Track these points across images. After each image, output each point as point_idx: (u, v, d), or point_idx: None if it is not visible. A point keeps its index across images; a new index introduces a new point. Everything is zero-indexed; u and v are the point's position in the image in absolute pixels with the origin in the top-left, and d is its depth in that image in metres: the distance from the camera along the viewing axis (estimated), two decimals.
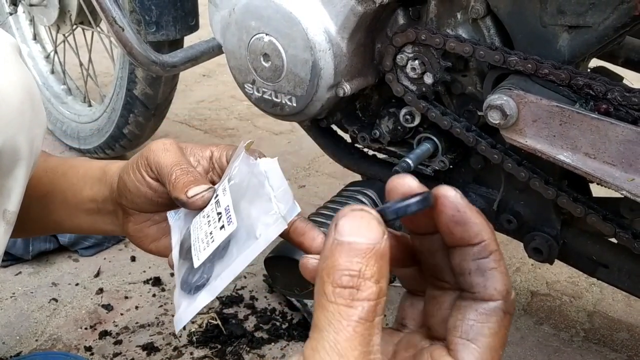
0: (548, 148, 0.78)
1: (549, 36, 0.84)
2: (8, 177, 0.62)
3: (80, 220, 0.71)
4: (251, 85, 0.98)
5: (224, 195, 0.52)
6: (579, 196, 0.86)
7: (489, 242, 0.35)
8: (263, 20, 0.91)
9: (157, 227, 0.64)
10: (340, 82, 0.92)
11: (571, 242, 0.95)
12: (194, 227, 0.54)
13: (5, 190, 0.62)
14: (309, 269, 0.39)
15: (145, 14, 1.26)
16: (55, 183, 0.72)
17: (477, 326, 0.35)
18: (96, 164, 0.72)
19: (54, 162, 0.74)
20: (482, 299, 0.35)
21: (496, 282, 0.35)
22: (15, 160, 0.62)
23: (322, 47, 0.88)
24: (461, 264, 0.36)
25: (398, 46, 0.90)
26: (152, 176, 0.60)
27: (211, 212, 0.52)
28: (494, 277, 0.35)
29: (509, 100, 0.78)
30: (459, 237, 0.35)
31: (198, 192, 0.55)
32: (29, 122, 0.62)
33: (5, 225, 0.64)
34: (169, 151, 0.59)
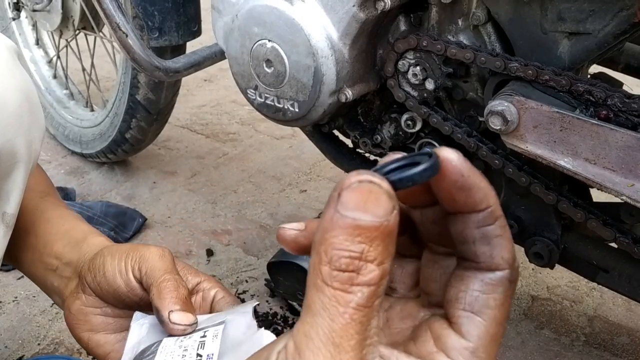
0: (549, 154, 0.78)
1: (550, 43, 0.85)
2: (6, 179, 0.63)
3: (35, 270, 0.70)
4: (254, 91, 0.99)
5: (212, 341, 0.49)
6: (579, 201, 0.87)
7: (494, 208, 0.32)
8: (266, 26, 0.91)
9: (104, 320, 0.62)
10: (342, 87, 0.92)
11: (572, 246, 0.95)
12: (163, 349, 0.50)
13: (4, 193, 0.63)
14: (288, 240, 0.33)
15: (148, 19, 1.27)
16: (36, 225, 0.70)
17: (482, 297, 0.32)
18: (83, 227, 0.70)
19: (47, 205, 0.73)
20: (487, 268, 0.32)
21: (503, 250, 0.32)
22: (14, 163, 0.62)
23: (325, 53, 0.89)
24: (464, 232, 0.32)
25: (400, 52, 0.91)
26: (136, 275, 0.59)
27: (190, 348, 0.48)
28: (500, 244, 0.32)
29: (509, 106, 0.78)
30: (462, 203, 0.32)
31: (183, 323, 0.53)
32: (27, 125, 0.62)
33: (5, 227, 0.64)
34: (166, 259, 0.59)
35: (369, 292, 0.27)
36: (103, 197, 1.64)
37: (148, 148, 1.72)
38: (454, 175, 0.31)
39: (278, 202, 1.64)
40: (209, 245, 1.46)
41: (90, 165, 1.77)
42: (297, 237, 0.33)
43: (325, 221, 0.28)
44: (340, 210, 0.27)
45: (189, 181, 1.73)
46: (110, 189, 1.68)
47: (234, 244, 1.48)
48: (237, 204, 1.63)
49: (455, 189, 0.31)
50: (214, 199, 1.64)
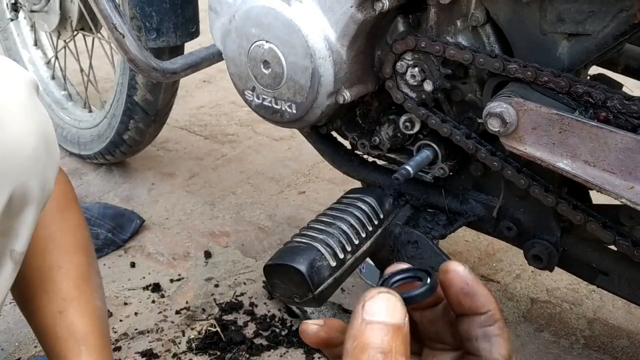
0: (547, 156, 0.78)
1: (549, 44, 0.84)
2: (17, 218, 0.62)
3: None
4: (251, 92, 0.98)
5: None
6: (578, 204, 0.86)
7: (494, 312, 0.40)
8: (263, 27, 0.91)
9: None
10: (340, 89, 0.92)
11: (571, 249, 0.94)
12: None
13: (13, 232, 0.62)
14: (309, 334, 0.42)
15: (145, 20, 1.26)
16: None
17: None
18: None
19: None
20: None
21: (500, 347, 0.39)
22: (26, 204, 0.61)
23: (322, 54, 0.88)
24: (468, 331, 0.40)
25: (398, 53, 0.90)
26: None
27: None
28: (498, 342, 0.39)
29: (508, 107, 0.78)
30: (467, 307, 0.40)
31: None
32: (42, 166, 0.61)
33: (13, 264, 0.64)
34: None
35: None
36: (101, 198, 1.63)
37: (146, 149, 1.72)
38: (460, 283, 0.39)
39: (277, 203, 1.63)
40: (207, 247, 1.46)
41: (88, 167, 1.77)
42: (318, 332, 0.42)
43: (354, 329, 0.34)
44: (367, 317, 0.34)
45: (188, 182, 1.72)
46: (108, 191, 1.67)
47: (232, 245, 1.47)
48: (236, 205, 1.62)
49: (462, 294, 0.40)
50: (213, 201, 1.64)
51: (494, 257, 1.43)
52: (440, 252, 0.94)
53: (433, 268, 0.42)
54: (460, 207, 1.01)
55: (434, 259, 0.95)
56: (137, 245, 1.47)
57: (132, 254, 1.44)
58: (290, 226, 1.53)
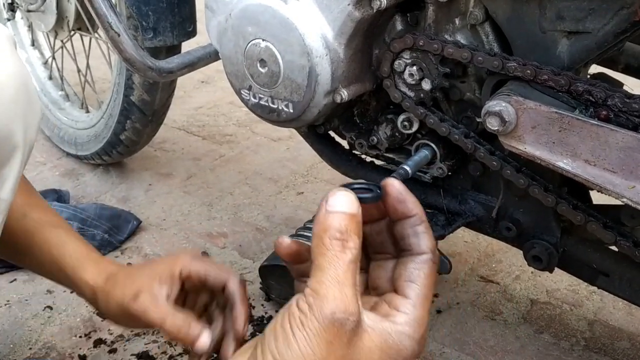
0: (547, 155, 0.77)
1: (548, 42, 0.83)
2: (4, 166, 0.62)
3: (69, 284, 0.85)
4: (248, 92, 0.97)
5: None
6: (579, 203, 0.85)
7: (420, 215, 0.50)
8: (260, 25, 0.90)
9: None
10: (337, 88, 0.91)
11: (571, 250, 0.93)
12: None
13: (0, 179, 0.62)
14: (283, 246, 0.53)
15: (142, 19, 1.25)
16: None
17: (415, 272, 0.48)
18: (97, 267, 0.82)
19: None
20: (417, 253, 0.49)
21: (427, 241, 0.49)
22: (12, 149, 0.62)
23: (319, 52, 0.87)
24: (402, 232, 0.50)
25: (396, 52, 0.89)
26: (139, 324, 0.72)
27: None
28: (424, 237, 0.49)
29: (507, 106, 0.77)
30: (400, 211, 0.50)
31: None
32: (23, 111, 0.62)
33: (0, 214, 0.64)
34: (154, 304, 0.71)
35: (354, 253, 0.45)
36: (98, 199, 1.62)
37: (143, 150, 1.70)
38: (395, 193, 0.50)
39: (274, 204, 1.62)
40: (204, 248, 1.45)
41: (85, 167, 1.76)
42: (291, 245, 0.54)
43: (320, 217, 0.46)
44: (329, 208, 0.46)
45: (185, 183, 1.71)
46: (105, 191, 1.66)
47: (230, 246, 1.46)
48: (233, 206, 1.61)
49: (396, 202, 0.50)
50: (210, 202, 1.63)
51: (493, 258, 1.42)
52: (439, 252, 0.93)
53: None
54: (459, 208, 1.00)
55: None
56: (134, 246, 1.46)
57: (129, 255, 1.43)
58: (288, 227, 1.52)
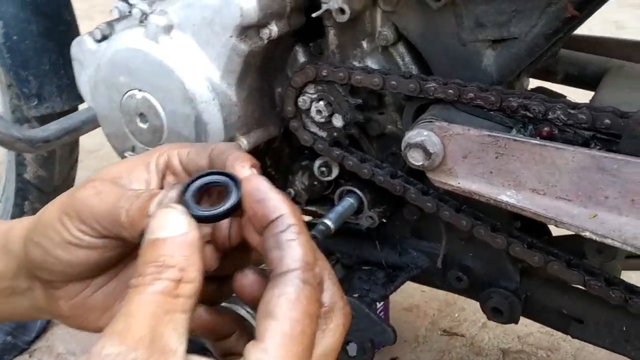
0: (486, 188, 0.63)
1: (471, 55, 0.71)
2: None
3: None
4: (132, 153, 0.81)
5: None
6: (534, 241, 0.71)
7: (286, 215, 0.36)
8: (132, 73, 0.75)
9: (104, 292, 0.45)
10: (234, 136, 0.76)
11: (535, 295, 0.79)
12: None
13: None
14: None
15: (22, 86, 1.09)
16: None
17: (274, 300, 0.34)
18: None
19: None
20: (280, 272, 0.35)
21: (292, 252, 0.35)
22: None
23: (204, 97, 0.72)
24: (265, 245, 0.36)
25: (298, 87, 0.75)
26: (91, 233, 0.41)
27: None
28: (290, 247, 0.35)
29: (430, 135, 0.63)
30: (260, 215, 0.36)
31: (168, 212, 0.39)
32: None
33: None
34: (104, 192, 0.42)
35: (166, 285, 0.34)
36: None
37: None
38: (251, 188, 0.37)
39: None
40: None
41: None
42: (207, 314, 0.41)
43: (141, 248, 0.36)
44: (149, 236, 0.36)
45: None
46: None
47: None
48: None
49: (254, 201, 0.37)
50: None
51: (455, 307, 1.27)
52: (379, 320, 0.77)
53: None
54: (400, 260, 0.84)
55: (372, 328, 0.77)
56: (45, 345, 1.26)
57: (38, 357, 1.22)
58: None
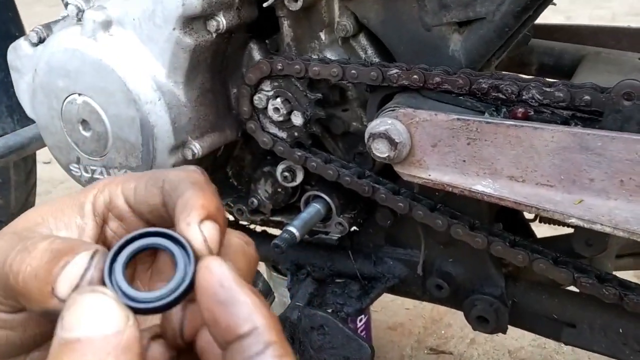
0: (459, 178, 0.56)
1: (436, 40, 0.65)
2: None
3: None
4: (77, 165, 0.75)
5: None
6: (517, 239, 0.65)
7: (262, 330, 0.26)
8: (70, 76, 0.69)
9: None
10: (186, 140, 0.69)
11: (522, 300, 0.72)
12: None
13: None
14: None
15: None
16: None
17: None
18: None
19: None
20: None
21: None
22: None
23: (149, 97, 0.66)
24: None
25: (252, 84, 0.69)
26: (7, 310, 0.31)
27: None
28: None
29: (394, 123, 0.57)
30: (224, 325, 0.26)
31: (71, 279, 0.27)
32: None
33: None
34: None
35: None
36: None
37: None
38: (212, 285, 0.27)
39: None
40: None
41: None
42: None
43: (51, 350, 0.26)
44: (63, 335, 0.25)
45: None
46: None
47: None
48: None
49: (214, 303, 0.27)
50: None
51: (441, 323, 1.19)
52: (355, 335, 0.70)
53: None
54: (375, 270, 0.78)
55: (347, 345, 0.70)
56: None
57: None
58: None
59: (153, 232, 0.29)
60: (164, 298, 0.27)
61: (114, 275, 0.27)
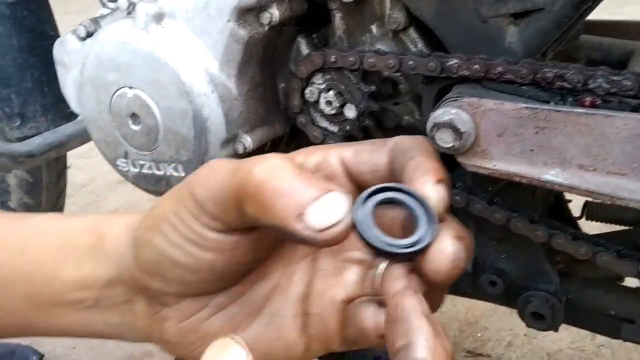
0: (527, 169, 0.55)
1: (493, 32, 0.64)
2: None
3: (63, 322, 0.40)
4: (124, 160, 0.74)
5: None
6: (578, 232, 0.63)
7: None
8: (121, 69, 0.68)
9: (223, 318, 0.36)
10: (237, 134, 0.69)
11: (577, 297, 0.71)
12: None
13: None
14: None
15: (4, 105, 1.03)
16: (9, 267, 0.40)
17: None
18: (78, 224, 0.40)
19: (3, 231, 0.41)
20: None
21: None
22: None
23: (202, 90, 0.66)
24: None
25: (304, 77, 0.69)
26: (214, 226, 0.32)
27: None
28: None
29: (459, 112, 0.56)
30: None
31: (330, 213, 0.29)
32: None
33: None
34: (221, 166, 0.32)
35: None
36: None
37: None
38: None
39: None
40: None
41: None
42: None
43: None
44: None
45: None
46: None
47: None
48: None
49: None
50: None
51: (477, 326, 1.18)
52: None
53: None
54: None
55: None
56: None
57: None
58: None
59: (390, 187, 0.30)
60: (412, 246, 0.29)
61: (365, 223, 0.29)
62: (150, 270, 0.34)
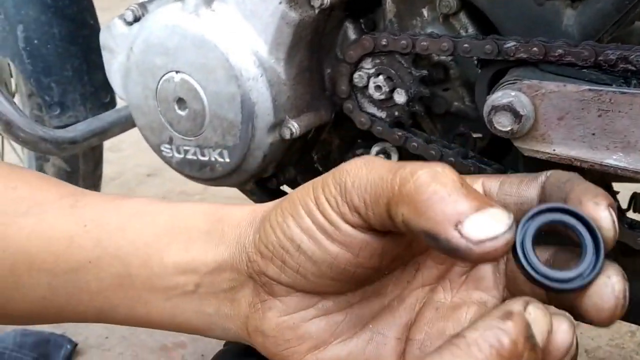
0: (588, 153, 0.54)
1: (549, 16, 0.63)
2: None
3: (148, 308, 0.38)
4: (168, 146, 0.74)
5: None
6: (634, 221, 0.62)
7: None
8: (169, 54, 0.68)
9: (327, 322, 0.35)
10: (284, 119, 0.68)
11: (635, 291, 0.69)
12: None
13: None
14: None
15: (44, 94, 1.03)
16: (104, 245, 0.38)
17: None
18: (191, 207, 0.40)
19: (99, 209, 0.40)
20: None
21: None
22: None
23: (251, 73, 0.65)
24: None
25: (353, 62, 0.68)
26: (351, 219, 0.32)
27: None
28: None
29: (518, 95, 0.55)
30: None
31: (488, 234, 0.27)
32: None
33: None
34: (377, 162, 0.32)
35: None
36: None
37: None
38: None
39: None
40: None
41: None
42: None
43: None
44: None
45: None
46: None
47: (190, 358, 1.18)
48: None
49: None
50: None
51: None
52: None
53: None
54: None
55: None
56: None
57: None
58: None
59: (556, 208, 0.28)
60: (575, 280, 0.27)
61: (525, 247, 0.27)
62: (272, 254, 0.34)
